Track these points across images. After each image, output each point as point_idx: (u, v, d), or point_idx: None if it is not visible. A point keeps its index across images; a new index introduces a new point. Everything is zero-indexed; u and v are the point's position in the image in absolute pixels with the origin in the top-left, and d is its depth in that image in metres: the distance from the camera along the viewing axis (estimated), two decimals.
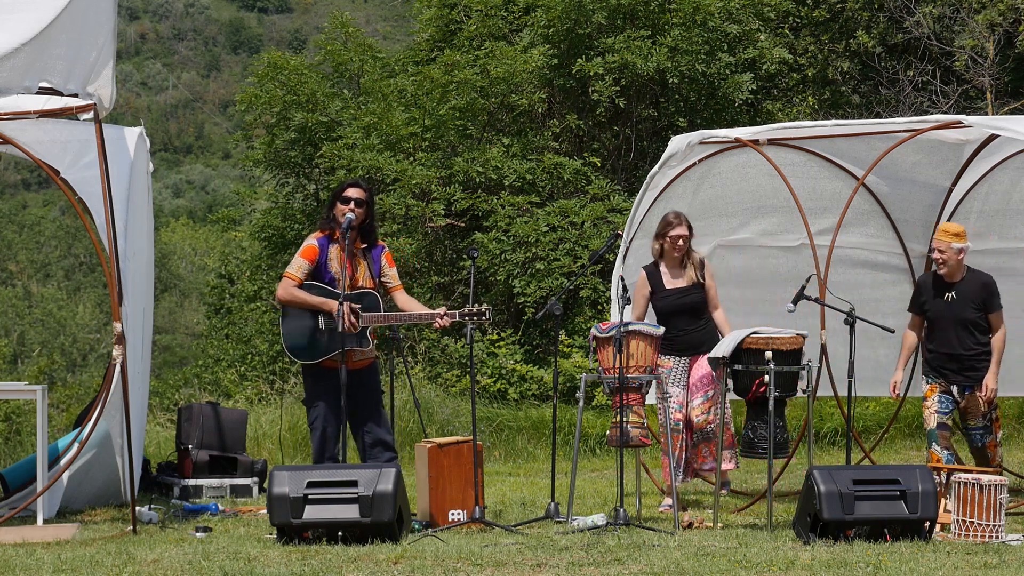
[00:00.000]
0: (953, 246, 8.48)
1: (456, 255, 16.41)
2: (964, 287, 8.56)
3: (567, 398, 13.63)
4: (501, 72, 15.85)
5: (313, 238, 8.23)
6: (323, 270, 8.13)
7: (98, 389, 9.50)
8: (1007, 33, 18.00)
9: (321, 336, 8.05)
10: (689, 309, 8.96)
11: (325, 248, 8.16)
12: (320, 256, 8.13)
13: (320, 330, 8.05)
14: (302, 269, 8.11)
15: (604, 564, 6.52)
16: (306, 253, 8.16)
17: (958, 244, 8.49)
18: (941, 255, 8.51)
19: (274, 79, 17.10)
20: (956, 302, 8.53)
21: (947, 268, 8.54)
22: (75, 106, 7.75)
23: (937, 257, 8.54)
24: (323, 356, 8.05)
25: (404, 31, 30.53)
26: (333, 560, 6.63)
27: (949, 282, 8.59)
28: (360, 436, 8.21)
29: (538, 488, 10.13)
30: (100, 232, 8.38)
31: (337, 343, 7.93)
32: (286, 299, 8.14)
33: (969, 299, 8.52)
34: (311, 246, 8.17)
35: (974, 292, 8.54)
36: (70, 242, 48.16)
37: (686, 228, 8.95)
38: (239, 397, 15.14)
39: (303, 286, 8.10)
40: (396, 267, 8.36)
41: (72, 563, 6.62)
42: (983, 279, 8.61)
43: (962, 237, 8.52)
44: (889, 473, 7.41)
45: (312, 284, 8.11)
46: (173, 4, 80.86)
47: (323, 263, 8.13)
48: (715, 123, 15.92)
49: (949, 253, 8.50)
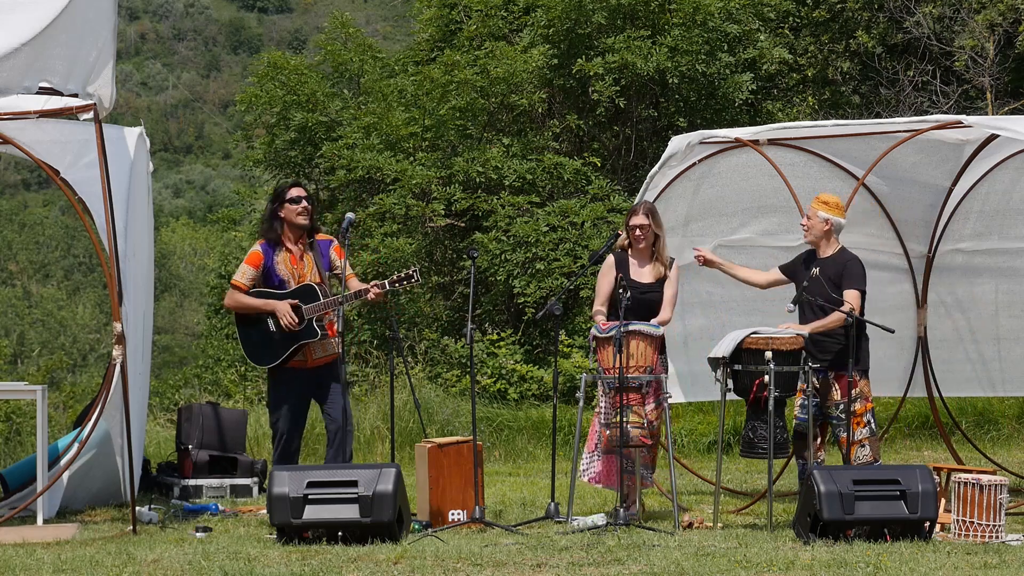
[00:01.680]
0: (820, 214, 8.35)
1: (456, 255, 16.42)
2: (827, 263, 8.37)
3: (567, 398, 13.64)
4: (501, 72, 15.85)
5: (257, 244, 8.32)
6: (271, 275, 8.21)
7: (98, 389, 9.50)
8: (1007, 33, 18.00)
9: (274, 337, 8.13)
10: (648, 306, 8.49)
11: (270, 253, 8.24)
12: (266, 261, 8.22)
13: (272, 331, 8.14)
14: (247, 275, 8.21)
15: (604, 564, 6.52)
16: (251, 260, 8.25)
17: (824, 213, 8.35)
18: (807, 221, 8.40)
19: (274, 79, 17.11)
20: (816, 279, 8.27)
21: (811, 236, 8.40)
22: (75, 106, 7.75)
23: (804, 223, 8.45)
24: (280, 358, 8.13)
25: (404, 31, 30.56)
26: (333, 560, 6.63)
27: (818, 256, 8.43)
28: (326, 426, 8.28)
29: (538, 488, 10.13)
30: (100, 232, 8.38)
31: (291, 340, 8.05)
32: (232, 306, 8.31)
33: (828, 276, 8.31)
34: (255, 252, 8.26)
35: (833, 270, 8.32)
36: (70, 242, 48.19)
37: (644, 217, 8.51)
38: (239, 397, 15.14)
39: (250, 292, 8.20)
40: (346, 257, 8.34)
41: (72, 563, 6.62)
42: (846, 257, 8.37)
43: (832, 208, 8.37)
44: (889, 473, 7.40)
45: (259, 290, 8.20)
46: (173, 4, 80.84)
47: (270, 268, 8.21)
48: (715, 123, 15.92)
49: (815, 220, 8.37)
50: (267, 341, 8.16)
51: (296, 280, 8.16)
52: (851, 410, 8.22)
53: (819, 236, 8.41)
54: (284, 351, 8.12)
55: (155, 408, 14.90)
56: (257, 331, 8.19)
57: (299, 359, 8.15)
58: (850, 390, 8.18)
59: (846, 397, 8.20)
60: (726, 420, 9.58)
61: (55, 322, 39.82)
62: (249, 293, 8.20)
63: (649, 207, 8.67)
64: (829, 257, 8.40)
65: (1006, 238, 10.20)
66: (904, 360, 10.47)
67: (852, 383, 8.20)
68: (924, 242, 10.31)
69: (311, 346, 8.13)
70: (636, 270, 8.58)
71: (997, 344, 10.59)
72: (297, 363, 8.17)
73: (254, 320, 8.20)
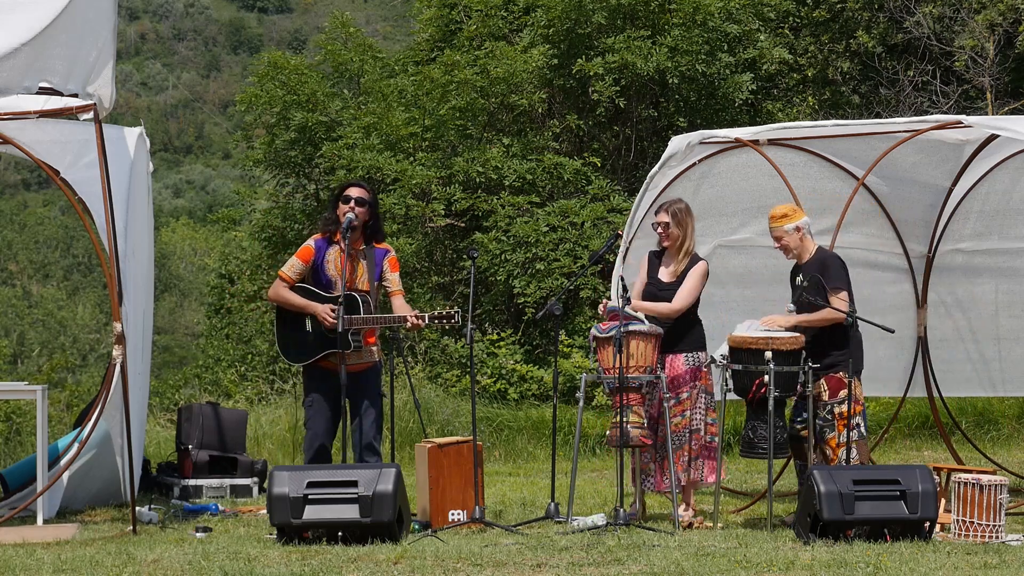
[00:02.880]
0: (786, 228, 8.22)
1: (456, 255, 16.42)
2: (809, 266, 8.24)
3: (567, 398, 13.63)
4: (501, 72, 15.85)
5: (311, 239, 8.22)
6: (319, 272, 8.10)
7: (98, 389, 9.50)
8: (1007, 33, 18.00)
9: (308, 338, 8.06)
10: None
11: (323, 250, 8.13)
12: (316, 257, 8.11)
13: (308, 332, 8.06)
14: (294, 269, 8.11)
15: (604, 564, 6.52)
16: (301, 254, 8.15)
17: (790, 224, 8.22)
18: (780, 243, 8.27)
19: (274, 79, 17.11)
20: (815, 280, 8.13)
21: (793, 253, 8.29)
22: (75, 106, 7.75)
23: (779, 247, 8.32)
24: (310, 358, 8.07)
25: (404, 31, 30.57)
26: (333, 560, 6.63)
27: (800, 264, 8.32)
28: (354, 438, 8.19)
29: (538, 488, 10.13)
30: (100, 232, 8.38)
31: (325, 346, 7.97)
32: (274, 298, 8.20)
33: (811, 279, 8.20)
34: (307, 247, 8.16)
35: (813, 269, 8.20)
36: (70, 242, 48.18)
37: (666, 215, 8.42)
38: (239, 397, 15.15)
39: (296, 288, 8.10)
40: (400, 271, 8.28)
41: (72, 563, 6.62)
42: (823, 255, 8.26)
43: (791, 216, 8.23)
44: (889, 473, 7.40)
45: (304, 287, 8.10)
46: (173, 4, 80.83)
47: (319, 265, 8.11)
48: (715, 123, 15.92)
49: (786, 237, 8.24)
50: (302, 340, 8.06)
51: (345, 284, 7.98)
52: (836, 412, 8.13)
53: (797, 247, 8.30)
54: (316, 354, 8.03)
55: (155, 408, 14.90)
56: (293, 328, 8.08)
57: (332, 361, 8.01)
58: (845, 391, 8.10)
59: (834, 398, 8.15)
60: (726, 420, 9.59)
61: (55, 322, 39.81)
62: (294, 289, 8.10)
63: (674, 206, 8.50)
64: (810, 261, 8.28)
65: (1006, 238, 10.21)
66: (904, 360, 10.47)
67: (842, 384, 8.10)
68: (924, 242, 10.32)
69: (347, 354, 7.95)
70: (662, 269, 8.55)
71: (997, 344, 10.59)
72: (330, 365, 8.03)
73: (293, 317, 8.09)
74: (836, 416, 8.13)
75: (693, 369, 8.36)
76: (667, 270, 8.51)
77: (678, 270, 8.45)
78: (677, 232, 8.45)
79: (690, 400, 8.34)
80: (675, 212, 8.48)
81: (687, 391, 8.34)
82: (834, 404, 8.14)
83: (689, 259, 8.46)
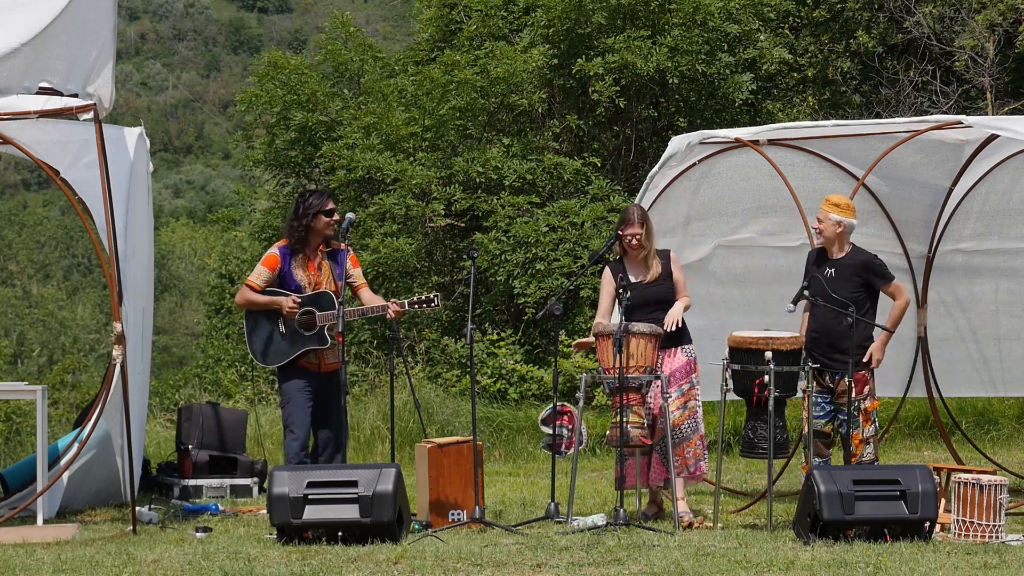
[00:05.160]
0: (831, 217, 8.26)
1: (456, 255, 16.42)
2: (843, 263, 8.30)
3: (567, 398, 13.63)
4: (501, 72, 15.85)
5: (275, 247, 8.29)
6: (287, 279, 8.17)
7: (98, 389, 9.50)
8: (1007, 33, 18.00)
9: (283, 338, 8.11)
10: (657, 300, 8.45)
11: (287, 258, 8.20)
12: (282, 265, 8.18)
13: (282, 332, 8.11)
14: (262, 277, 8.18)
15: (604, 564, 6.51)
16: (267, 262, 8.22)
17: (836, 216, 8.25)
18: (819, 224, 8.33)
19: (274, 79, 17.12)
20: (834, 279, 8.24)
21: (824, 239, 8.34)
22: (75, 106, 7.75)
23: (816, 226, 8.38)
24: (288, 358, 8.11)
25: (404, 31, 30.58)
26: (333, 560, 6.63)
27: (830, 257, 8.37)
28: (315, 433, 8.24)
29: (538, 488, 10.12)
30: (100, 232, 8.39)
31: (298, 345, 8.04)
32: (242, 304, 8.29)
33: (847, 276, 8.24)
34: (272, 255, 8.23)
35: (853, 270, 8.26)
36: (70, 242, 48.15)
37: (638, 226, 8.43)
38: (239, 397, 15.15)
39: (264, 293, 8.16)
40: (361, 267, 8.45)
41: (72, 563, 6.62)
42: (864, 257, 8.33)
43: (844, 210, 8.29)
44: (889, 473, 7.40)
45: (274, 290, 8.16)
46: (173, 4, 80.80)
47: (286, 272, 8.18)
48: (715, 123, 15.92)
49: (827, 223, 8.29)
50: (276, 341, 8.13)
51: (312, 287, 8.14)
52: (861, 406, 8.22)
53: (830, 238, 8.35)
54: (292, 353, 8.08)
55: (155, 408, 14.90)
56: (266, 331, 8.15)
57: (311, 361, 8.11)
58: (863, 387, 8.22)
59: (860, 394, 8.22)
60: (726, 420, 9.59)
61: (55, 322, 39.78)
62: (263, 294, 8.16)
63: (642, 214, 8.56)
64: (844, 258, 8.33)
65: (1006, 238, 10.20)
66: (904, 360, 10.47)
67: (866, 380, 8.22)
68: (924, 242, 10.32)
69: (323, 352, 8.09)
70: (634, 272, 8.53)
71: (997, 344, 10.59)
72: (309, 364, 8.12)
73: (263, 320, 8.15)
74: (861, 412, 8.22)
75: (691, 360, 8.50)
76: (645, 271, 8.51)
77: (657, 269, 8.49)
78: (647, 238, 8.50)
79: (693, 391, 8.45)
80: (643, 219, 8.51)
81: (687, 383, 8.44)
82: (860, 400, 8.20)
83: (658, 255, 8.54)
